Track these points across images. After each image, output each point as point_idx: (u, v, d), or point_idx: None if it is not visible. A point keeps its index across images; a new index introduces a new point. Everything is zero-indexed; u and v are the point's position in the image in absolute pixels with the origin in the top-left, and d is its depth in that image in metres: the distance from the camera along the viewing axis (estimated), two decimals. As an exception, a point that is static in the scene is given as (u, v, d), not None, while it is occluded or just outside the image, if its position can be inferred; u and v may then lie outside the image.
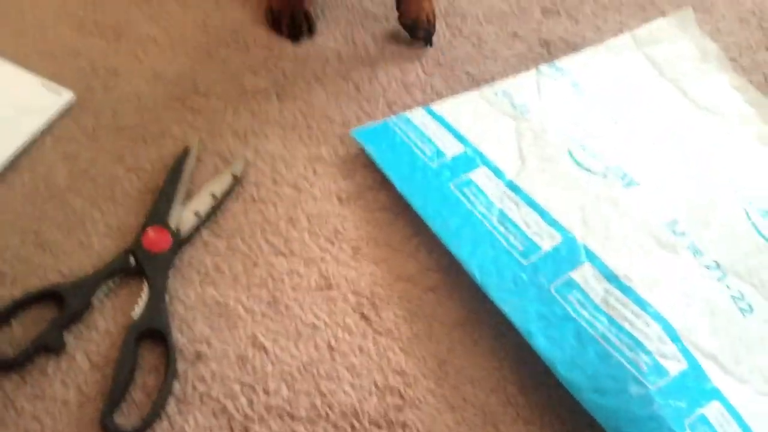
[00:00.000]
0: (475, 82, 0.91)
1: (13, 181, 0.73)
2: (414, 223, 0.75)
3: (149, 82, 0.85)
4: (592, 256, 0.67)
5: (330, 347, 0.66)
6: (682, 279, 0.66)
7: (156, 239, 0.69)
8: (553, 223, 0.70)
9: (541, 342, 0.62)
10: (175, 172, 0.75)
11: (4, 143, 0.75)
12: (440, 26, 0.97)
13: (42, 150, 0.76)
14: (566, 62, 0.91)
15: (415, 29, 0.93)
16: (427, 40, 0.94)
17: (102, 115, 0.81)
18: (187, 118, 0.82)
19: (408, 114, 0.81)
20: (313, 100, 0.85)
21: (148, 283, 0.66)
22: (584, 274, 0.66)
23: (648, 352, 0.59)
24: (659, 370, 0.58)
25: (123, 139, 0.79)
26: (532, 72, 0.89)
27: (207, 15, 0.92)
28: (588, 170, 0.75)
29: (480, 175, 0.74)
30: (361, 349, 0.66)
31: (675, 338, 0.61)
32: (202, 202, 0.73)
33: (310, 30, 0.93)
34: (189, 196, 0.74)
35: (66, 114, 0.80)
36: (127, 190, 0.75)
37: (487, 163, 0.76)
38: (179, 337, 0.64)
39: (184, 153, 0.77)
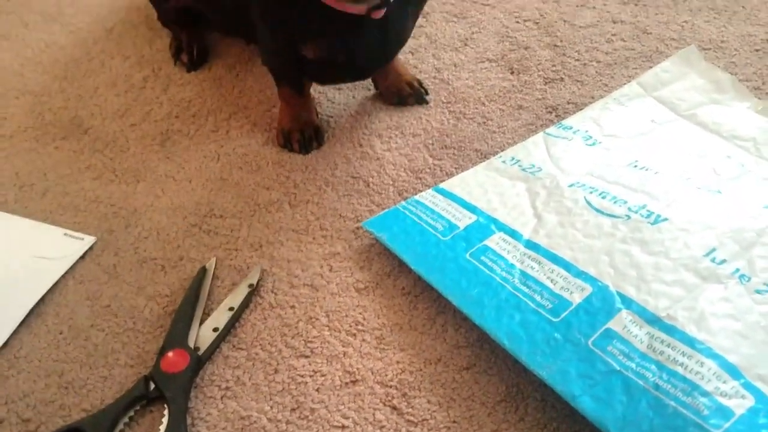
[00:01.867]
0: (485, 157, 0.89)
1: (38, 327, 0.74)
2: (436, 302, 0.71)
3: (168, 216, 0.87)
4: (628, 302, 0.61)
5: (361, 446, 0.61)
6: (733, 309, 0.59)
7: (174, 361, 0.68)
8: (580, 274, 0.65)
9: (587, 403, 0.56)
10: (192, 292, 0.75)
11: (29, 292, 0.77)
12: (443, 112, 0.98)
13: (65, 293, 0.78)
14: (574, 120, 0.89)
15: (404, 100, 0.98)
16: (421, 101, 0.98)
17: (123, 252, 0.82)
18: (204, 240, 0.83)
19: (416, 196, 0.80)
20: (325, 201, 0.86)
21: (168, 407, 0.64)
22: (623, 322, 0.60)
23: (707, 394, 0.52)
24: (722, 412, 0.51)
25: (143, 271, 0.80)
26: (539, 135, 0.87)
27: (219, 146, 0.96)
28: (610, 215, 0.71)
29: (496, 241, 0.71)
30: (394, 444, 0.60)
31: (735, 374, 0.53)
32: (220, 318, 0.72)
33: (319, 143, 0.95)
34: (207, 313, 0.73)
35: (88, 255, 0.82)
36: (147, 318, 0.74)
37: (501, 227, 0.72)
38: (202, 458, 0.61)
39: (201, 273, 0.77)
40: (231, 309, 0.73)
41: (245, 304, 0.74)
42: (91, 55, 1.12)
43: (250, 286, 0.75)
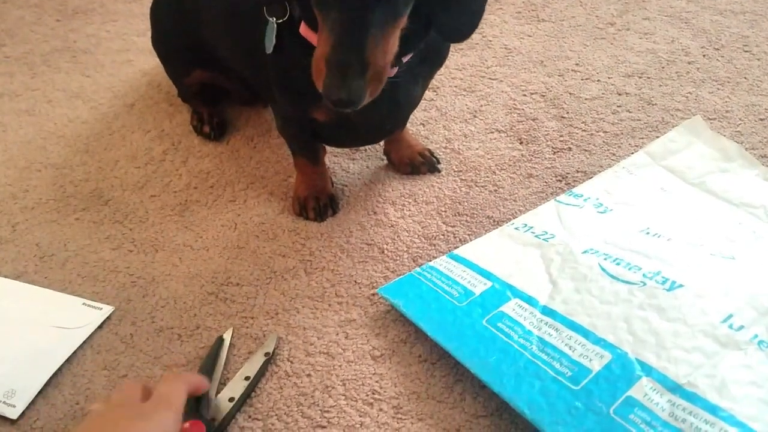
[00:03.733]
0: (497, 224, 0.91)
1: (55, 398, 0.74)
2: (454, 369, 0.71)
3: (186, 284, 0.88)
4: (648, 369, 0.61)
5: None
6: (754, 375, 0.58)
7: (191, 432, 0.67)
8: (598, 341, 0.65)
9: (611, 473, 0.55)
10: (208, 362, 0.75)
11: (47, 363, 0.77)
12: (455, 181, 1.00)
13: (83, 363, 0.78)
14: (584, 188, 0.91)
15: (416, 169, 1.01)
16: (434, 170, 1.01)
17: (140, 322, 0.83)
18: (221, 308, 0.83)
19: (431, 263, 0.81)
20: (340, 268, 0.86)
21: (185, 478, 0.63)
22: (644, 390, 0.60)
23: (733, 462, 0.51)
24: (751, 480, 0.50)
25: (160, 340, 0.80)
26: (551, 203, 0.88)
27: (236, 215, 0.98)
28: (626, 282, 0.71)
29: (512, 307, 0.71)
30: None
31: (761, 441, 0.52)
32: (236, 387, 0.72)
33: (334, 210, 0.97)
34: (224, 383, 0.73)
35: (106, 325, 0.82)
36: (164, 387, 0.74)
37: (517, 294, 0.73)
38: None
39: (218, 343, 0.77)
40: (247, 378, 0.73)
41: (261, 372, 0.74)
42: (113, 130, 1.16)
43: (266, 354, 0.75)
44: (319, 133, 0.91)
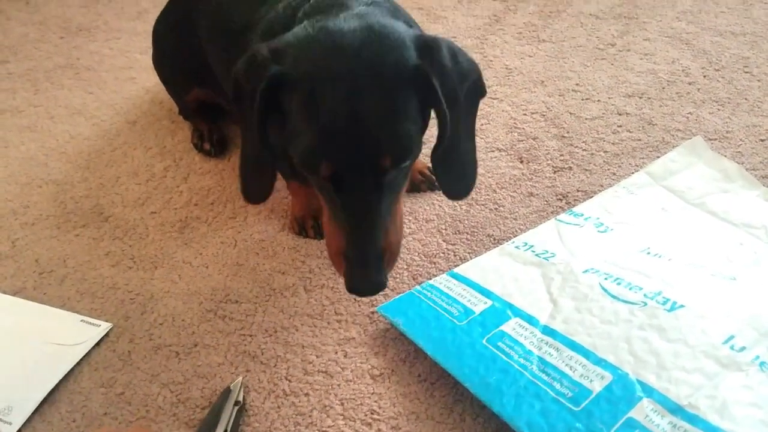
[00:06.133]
0: (498, 242, 0.91)
1: (51, 415, 0.74)
2: (454, 389, 0.70)
3: (184, 301, 0.87)
4: (649, 390, 0.61)
5: None
6: (756, 397, 0.58)
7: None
8: (599, 361, 0.65)
9: (612, 496, 0.54)
10: (210, 418, 0.70)
11: (44, 380, 0.77)
12: (455, 199, 0.99)
13: (80, 380, 0.77)
14: (585, 207, 0.90)
15: (416, 187, 1.01)
16: (433, 188, 1.01)
17: (138, 339, 0.82)
18: (219, 326, 0.83)
19: (431, 281, 0.81)
20: (340, 286, 0.86)
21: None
22: (644, 411, 0.59)
23: (736, 485, 0.50)
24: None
25: (158, 358, 0.80)
26: (551, 222, 0.88)
27: (237, 232, 0.98)
28: (627, 302, 0.71)
29: (513, 326, 0.71)
30: None
31: (764, 464, 0.52)
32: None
33: (334, 228, 0.96)
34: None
35: (104, 342, 0.82)
36: (160, 406, 0.74)
37: (518, 312, 0.72)
38: None
39: (224, 396, 0.72)
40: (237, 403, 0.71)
41: (236, 425, 0.69)
42: (114, 146, 1.17)
43: (237, 403, 0.71)
44: None
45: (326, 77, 0.62)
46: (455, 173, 0.72)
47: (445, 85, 0.65)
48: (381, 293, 0.84)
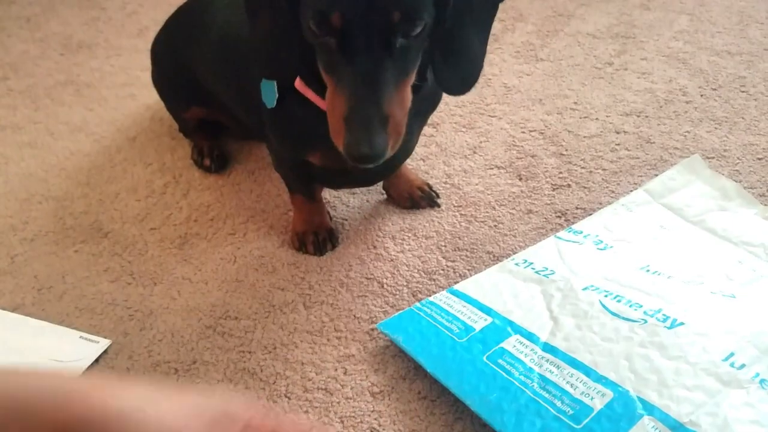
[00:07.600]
0: (497, 259, 0.91)
1: (48, 432, 0.73)
2: (454, 407, 0.70)
3: (184, 318, 0.87)
4: (650, 408, 0.61)
5: None
6: (757, 414, 0.58)
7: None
8: (600, 379, 0.65)
9: None
10: None
11: (42, 395, 0.76)
12: (455, 215, 1.00)
13: (77, 396, 0.77)
14: (584, 225, 0.91)
15: (416, 203, 1.01)
16: (433, 204, 1.01)
17: (137, 356, 0.82)
18: (218, 342, 0.83)
19: (431, 298, 0.81)
20: (339, 302, 0.86)
21: None
22: (646, 429, 0.59)
23: (738, 504, 0.50)
24: None
25: (156, 375, 0.79)
26: (551, 239, 0.89)
27: (236, 248, 0.98)
28: (627, 319, 0.71)
29: (513, 343, 0.71)
30: None
31: (766, 482, 0.52)
32: None
33: (333, 244, 0.97)
34: None
35: (102, 358, 0.82)
36: (159, 423, 0.73)
37: (518, 330, 0.72)
38: None
39: None
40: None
41: None
42: (114, 163, 1.17)
43: None
44: (316, 176, 0.92)
45: None
46: (452, 61, 0.70)
47: None
48: (381, 310, 0.84)
